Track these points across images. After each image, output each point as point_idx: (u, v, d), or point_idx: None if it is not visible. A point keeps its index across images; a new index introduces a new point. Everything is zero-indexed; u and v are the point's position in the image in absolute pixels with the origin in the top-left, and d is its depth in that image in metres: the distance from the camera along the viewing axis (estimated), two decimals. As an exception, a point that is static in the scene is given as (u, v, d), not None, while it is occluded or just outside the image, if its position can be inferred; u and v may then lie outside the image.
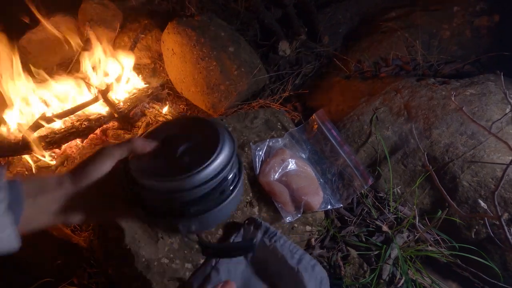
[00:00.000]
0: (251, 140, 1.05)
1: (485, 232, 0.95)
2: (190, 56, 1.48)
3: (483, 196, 0.97)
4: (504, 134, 1.02)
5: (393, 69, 1.46)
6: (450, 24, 1.51)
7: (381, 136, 1.12)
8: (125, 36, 1.76)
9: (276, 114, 1.17)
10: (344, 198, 1.02)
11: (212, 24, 1.51)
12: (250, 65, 1.46)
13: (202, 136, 0.55)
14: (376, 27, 1.63)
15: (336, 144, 1.08)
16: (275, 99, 1.50)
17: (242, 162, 0.62)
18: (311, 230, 0.96)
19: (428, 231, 0.98)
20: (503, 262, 0.93)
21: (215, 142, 0.52)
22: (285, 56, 1.67)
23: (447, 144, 1.05)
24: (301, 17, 1.82)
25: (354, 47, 1.61)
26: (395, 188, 1.08)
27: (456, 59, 1.46)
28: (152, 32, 1.75)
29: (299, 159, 1.02)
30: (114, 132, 1.59)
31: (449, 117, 1.08)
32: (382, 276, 0.90)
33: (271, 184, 0.95)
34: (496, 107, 1.08)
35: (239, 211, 0.92)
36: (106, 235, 0.90)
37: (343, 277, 0.89)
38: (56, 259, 1.02)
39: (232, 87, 1.45)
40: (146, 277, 0.80)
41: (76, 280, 1.00)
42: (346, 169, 1.05)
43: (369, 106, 1.20)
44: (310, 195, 0.94)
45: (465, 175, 1.00)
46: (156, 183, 0.49)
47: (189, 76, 1.53)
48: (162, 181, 0.49)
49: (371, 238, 0.97)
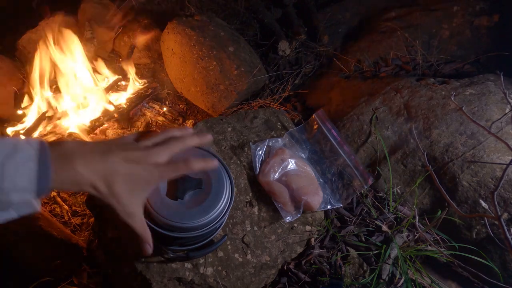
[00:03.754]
0: (251, 140, 1.05)
1: (485, 232, 0.95)
2: (190, 56, 1.48)
3: (482, 196, 0.97)
4: (503, 134, 1.02)
5: (393, 69, 1.46)
6: (450, 24, 1.51)
7: (381, 136, 1.12)
8: (125, 36, 1.76)
9: (276, 114, 1.17)
10: (343, 198, 1.02)
11: (211, 24, 1.51)
12: (249, 65, 1.46)
13: (208, 183, 0.70)
14: (376, 27, 1.63)
15: (336, 144, 1.08)
16: (275, 99, 1.50)
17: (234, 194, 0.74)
18: (310, 230, 0.96)
19: (428, 231, 0.98)
20: (503, 262, 0.93)
21: (220, 194, 0.69)
22: (285, 56, 1.67)
23: (447, 144, 1.05)
24: (301, 17, 1.82)
25: (354, 47, 1.61)
26: (395, 188, 1.08)
27: (456, 59, 1.46)
28: (152, 32, 1.75)
29: (299, 159, 1.02)
30: (114, 132, 1.60)
31: (449, 117, 1.08)
32: (382, 276, 0.90)
33: (270, 184, 0.95)
34: (495, 107, 1.08)
35: (238, 211, 0.92)
36: (106, 235, 0.90)
37: (343, 277, 0.89)
38: (56, 258, 1.02)
39: (232, 87, 1.45)
40: (146, 276, 0.80)
41: (76, 280, 1.00)
42: (346, 169, 1.05)
43: (369, 106, 1.20)
44: (309, 195, 0.94)
45: (464, 175, 1.00)
46: (165, 220, 0.64)
47: (188, 76, 1.53)
48: (171, 222, 0.64)
49: (370, 238, 0.97)
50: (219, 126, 1.08)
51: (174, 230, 0.65)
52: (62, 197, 1.32)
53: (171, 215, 0.64)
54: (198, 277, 0.82)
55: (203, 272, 0.82)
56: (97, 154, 0.49)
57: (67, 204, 1.30)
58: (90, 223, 1.23)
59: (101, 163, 0.48)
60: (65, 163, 0.45)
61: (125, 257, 0.84)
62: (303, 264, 0.93)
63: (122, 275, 0.85)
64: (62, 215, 1.26)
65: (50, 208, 1.28)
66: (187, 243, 0.73)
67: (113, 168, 0.49)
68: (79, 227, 1.24)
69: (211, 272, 0.83)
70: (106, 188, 0.48)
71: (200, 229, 0.67)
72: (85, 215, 1.28)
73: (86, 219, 1.26)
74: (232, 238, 0.88)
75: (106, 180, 0.48)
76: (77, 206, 1.31)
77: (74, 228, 1.23)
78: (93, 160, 0.48)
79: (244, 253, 0.88)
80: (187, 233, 0.67)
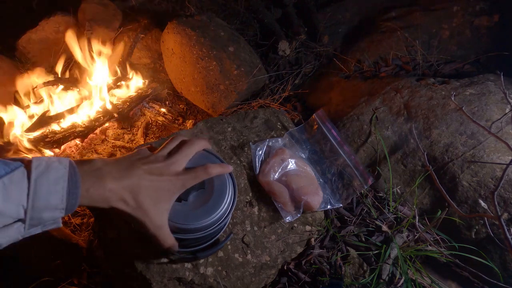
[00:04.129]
0: (251, 140, 1.05)
1: (485, 232, 0.95)
2: (190, 56, 1.48)
3: (482, 196, 0.97)
4: (503, 134, 1.02)
5: (393, 69, 1.46)
6: (450, 24, 1.51)
7: (381, 136, 1.12)
8: (125, 36, 1.76)
9: (276, 114, 1.17)
10: (343, 198, 1.02)
11: (212, 24, 1.51)
12: (249, 65, 1.46)
13: (211, 182, 0.69)
14: (376, 27, 1.63)
15: (336, 144, 1.08)
16: (274, 99, 1.50)
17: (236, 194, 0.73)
18: (310, 230, 0.96)
19: (428, 231, 0.98)
20: (503, 262, 0.93)
21: (223, 193, 0.69)
22: (285, 56, 1.67)
23: (447, 144, 1.05)
24: (301, 17, 1.82)
25: (354, 47, 1.61)
26: (395, 188, 1.08)
27: (456, 59, 1.46)
28: (152, 32, 1.75)
29: (299, 159, 1.02)
30: (114, 132, 1.60)
31: (449, 117, 1.08)
32: (382, 276, 0.90)
33: (270, 184, 0.95)
34: (495, 107, 1.08)
35: (238, 211, 0.92)
36: (106, 235, 0.90)
37: (343, 277, 0.89)
38: (56, 259, 1.02)
39: (232, 87, 1.45)
40: (146, 276, 0.80)
41: (76, 280, 1.00)
42: (346, 169, 1.05)
43: (369, 106, 1.20)
44: (309, 195, 0.94)
45: (464, 175, 1.00)
46: (170, 223, 0.62)
47: (188, 75, 1.53)
48: (176, 224, 0.64)
49: (370, 238, 0.97)
50: (219, 126, 1.08)
51: (178, 232, 0.65)
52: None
53: (176, 217, 0.63)
54: (198, 277, 0.82)
55: (203, 272, 0.82)
56: (123, 170, 0.50)
57: (67, 204, 1.30)
58: (90, 223, 1.23)
59: (128, 178, 0.50)
60: (95, 182, 0.47)
61: (125, 257, 0.84)
62: (303, 264, 0.93)
63: (122, 275, 0.85)
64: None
65: (50, 208, 1.28)
66: (191, 245, 0.73)
67: (138, 182, 0.51)
68: (79, 227, 1.24)
69: (211, 272, 0.83)
70: (134, 202, 0.50)
71: (205, 229, 0.67)
72: (85, 215, 1.28)
73: (86, 219, 1.26)
74: (232, 238, 0.88)
75: (133, 193, 0.50)
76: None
77: (74, 228, 1.23)
78: (121, 176, 0.49)
79: (244, 253, 0.88)
80: (192, 235, 0.67)
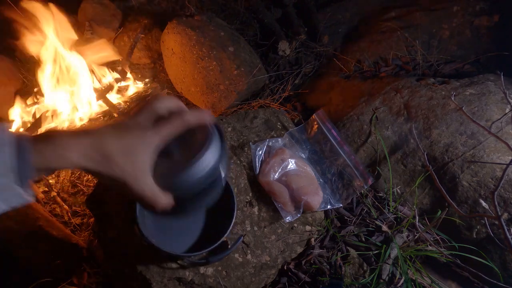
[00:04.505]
0: (251, 140, 1.05)
1: (485, 232, 0.95)
2: (190, 56, 1.48)
3: (482, 196, 0.97)
4: (503, 134, 1.02)
5: (393, 69, 1.46)
6: (450, 24, 1.51)
7: (381, 136, 1.12)
8: (125, 36, 1.76)
9: (276, 114, 1.17)
10: (343, 198, 1.02)
11: (212, 24, 1.51)
12: (249, 65, 1.46)
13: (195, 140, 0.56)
14: (376, 27, 1.63)
15: (336, 144, 1.08)
16: (274, 99, 1.50)
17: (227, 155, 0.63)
18: (310, 230, 0.96)
19: (428, 231, 0.98)
20: (503, 262, 0.93)
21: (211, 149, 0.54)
22: (284, 56, 1.67)
23: (447, 144, 1.05)
24: (301, 17, 1.82)
25: (354, 47, 1.61)
26: (395, 188, 1.08)
27: (456, 59, 1.46)
28: (152, 32, 1.75)
29: (299, 159, 1.02)
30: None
31: (449, 117, 1.08)
32: (382, 276, 0.90)
33: (270, 184, 0.95)
34: (495, 107, 1.08)
35: (239, 211, 0.92)
36: (106, 235, 0.90)
37: (343, 277, 0.89)
38: (56, 259, 1.02)
39: (232, 87, 1.45)
40: (146, 276, 0.80)
41: (76, 280, 1.00)
42: (346, 169, 1.05)
43: (369, 106, 1.20)
44: (309, 195, 0.94)
45: (464, 175, 1.00)
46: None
47: (188, 76, 1.53)
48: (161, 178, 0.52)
49: (370, 238, 0.97)
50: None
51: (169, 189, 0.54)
52: (62, 197, 1.32)
53: (162, 174, 0.53)
54: (198, 277, 0.82)
55: (203, 272, 0.82)
56: (81, 130, 0.45)
57: (67, 204, 1.30)
58: (90, 223, 1.23)
59: (87, 134, 0.44)
60: (49, 141, 0.42)
61: (125, 257, 0.84)
62: (303, 264, 0.93)
63: (122, 275, 0.85)
64: (62, 215, 1.26)
65: (50, 208, 1.28)
66: (188, 208, 0.60)
67: (101, 136, 0.45)
68: (79, 227, 1.24)
69: (211, 272, 0.83)
70: (100, 156, 0.44)
71: (197, 184, 0.54)
72: (85, 215, 1.28)
73: (86, 219, 1.26)
74: (232, 238, 0.88)
75: (97, 147, 0.44)
76: (77, 206, 1.31)
77: (74, 228, 1.23)
78: (78, 134, 0.44)
79: (244, 253, 0.88)
80: (185, 189, 0.54)
